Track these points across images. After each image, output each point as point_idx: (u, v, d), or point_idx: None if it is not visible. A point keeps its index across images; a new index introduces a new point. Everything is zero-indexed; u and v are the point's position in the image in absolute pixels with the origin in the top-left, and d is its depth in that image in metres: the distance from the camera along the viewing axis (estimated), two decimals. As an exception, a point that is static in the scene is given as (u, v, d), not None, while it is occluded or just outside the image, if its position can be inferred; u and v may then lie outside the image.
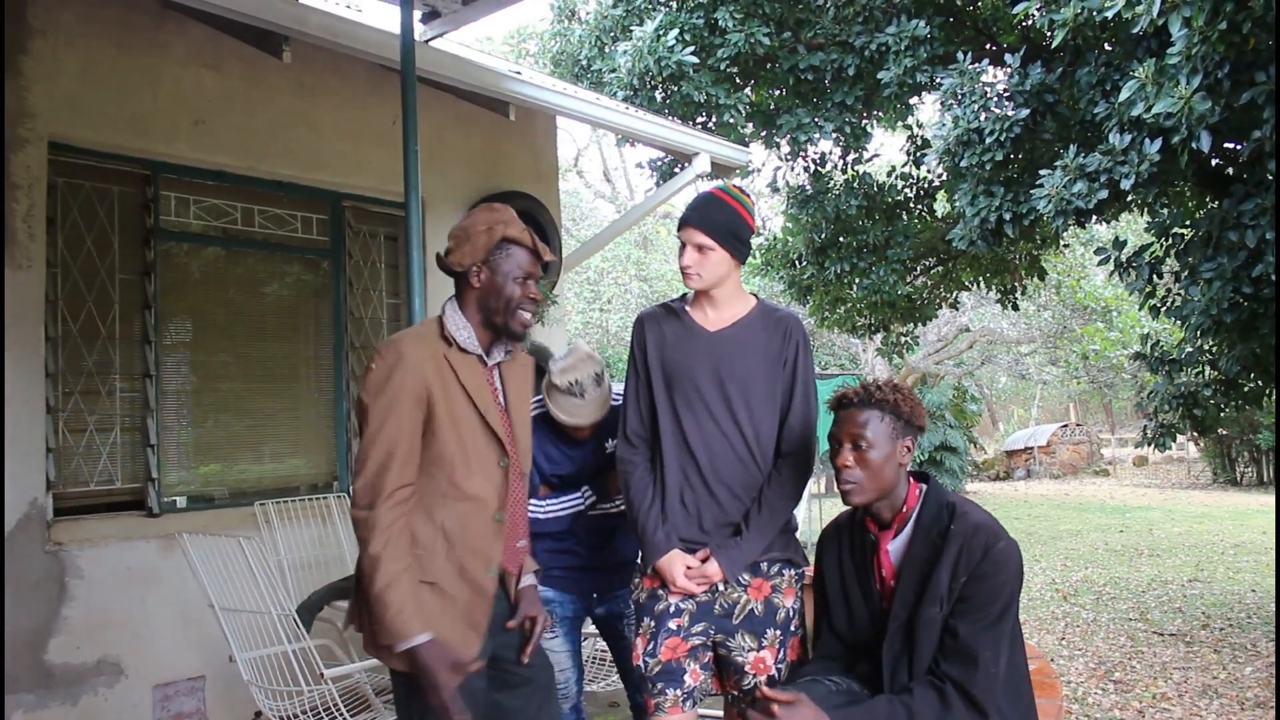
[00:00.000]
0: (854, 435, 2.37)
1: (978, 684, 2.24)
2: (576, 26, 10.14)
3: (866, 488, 2.37)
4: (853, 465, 2.37)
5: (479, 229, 2.46)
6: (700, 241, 2.63)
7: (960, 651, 2.26)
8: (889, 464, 2.37)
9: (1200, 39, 4.66)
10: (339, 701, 3.52)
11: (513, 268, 2.44)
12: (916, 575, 2.35)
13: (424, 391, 2.33)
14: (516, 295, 2.44)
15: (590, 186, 27.38)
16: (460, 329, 2.44)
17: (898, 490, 2.41)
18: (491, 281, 2.44)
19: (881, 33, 7.59)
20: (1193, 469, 23.03)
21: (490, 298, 2.44)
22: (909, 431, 2.42)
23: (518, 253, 2.46)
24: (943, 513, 2.38)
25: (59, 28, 4.34)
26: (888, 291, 9.28)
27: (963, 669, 2.25)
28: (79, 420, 4.47)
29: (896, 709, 2.25)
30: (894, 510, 2.42)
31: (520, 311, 2.45)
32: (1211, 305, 5.46)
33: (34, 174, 4.23)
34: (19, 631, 4.03)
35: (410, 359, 2.33)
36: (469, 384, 2.41)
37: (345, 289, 5.50)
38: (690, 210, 2.69)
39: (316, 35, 4.36)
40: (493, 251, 2.44)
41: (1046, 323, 23.04)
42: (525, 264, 2.46)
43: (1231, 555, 10.58)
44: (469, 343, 2.44)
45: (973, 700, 2.24)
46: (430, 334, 2.44)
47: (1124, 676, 5.97)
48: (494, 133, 6.03)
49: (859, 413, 2.39)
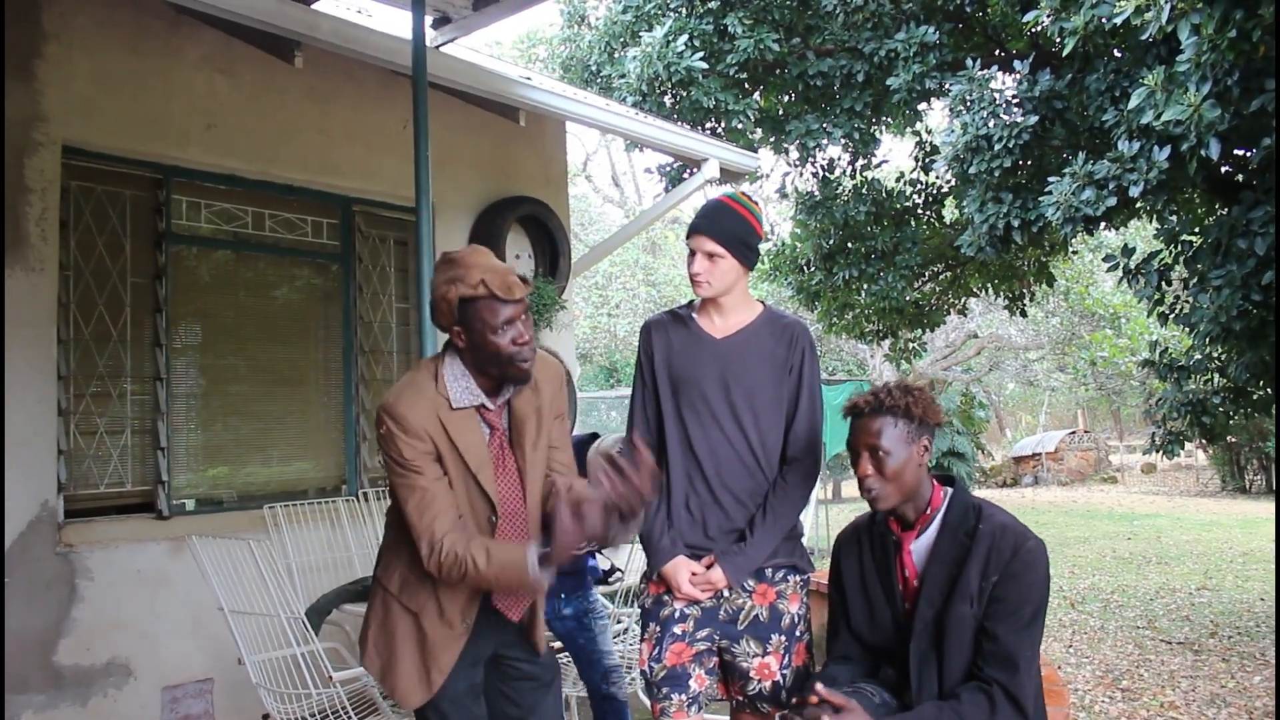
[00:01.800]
0: (870, 444, 2.37)
1: (1021, 687, 2.23)
2: (586, 32, 10.16)
3: (890, 494, 2.37)
4: (873, 474, 2.37)
5: (440, 292, 2.34)
6: (710, 249, 2.64)
7: (1001, 655, 2.25)
8: (908, 468, 2.37)
9: (1209, 46, 4.66)
10: (347, 705, 3.53)
11: (486, 322, 2.31)
12: (945, 574, 2.35)
13: (431, 447, 2.34)
14: (502, 345, 2.32)
15: (599, 191, 27.41)
16: (456, 380, 2.40)
17: (921, 491, 2.41)
18: (472, 341, 2.34)
19: (891, 39, 7.60)
20: (1201, 476, 22.92)
21: (478, 355, 2.36)
22: (924, 432, 2.41)
23: (483, 306, 2.30)
24: (969, 513, 2.39)
25: (73, 32, 4.37)
26: (896, 297, 9.28)
27: (1005, 672, 2.24)
28: (90, 423, 4.49)
29: (945, 714, 2.24)
30: (918, 511, 2.42)
31: (515, 361, 2.35)
32: (1220, 313, 5.46)
33: (47, 177, 4.25)
34: (29, 632, 4.05)
35: (410, 423, 2.32)
36: (460, 442, 2.37)
37: (355, 293, 5.52)
38: (700, 218, 2.69)
39: (328, 41, 4.38)
40: (460, 313, 2.32)
41: (1055, 329, 23.02)
42: (499, 313, 2.30)
43: (1240, 563, 10.54)
44: (463, 397, 2.39)
45: (1016, 702, 2.23)
46: (427, 388, 2.39)
47: (1131, 685, 5.95)
48: (504, 138, 6.05)
49: (872, 421, 2.39)
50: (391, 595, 2.48)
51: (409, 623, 2.45)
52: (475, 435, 2.41)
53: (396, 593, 2.47)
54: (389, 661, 2.46)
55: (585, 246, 18.57)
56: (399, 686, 2.45)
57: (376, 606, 2.52)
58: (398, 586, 2.47)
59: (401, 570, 2.47)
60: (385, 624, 2.48)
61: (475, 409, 2.42)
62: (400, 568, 2.47)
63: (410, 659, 2.44)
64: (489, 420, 2.45)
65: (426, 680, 2.44)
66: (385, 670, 2.47)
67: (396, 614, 2.47)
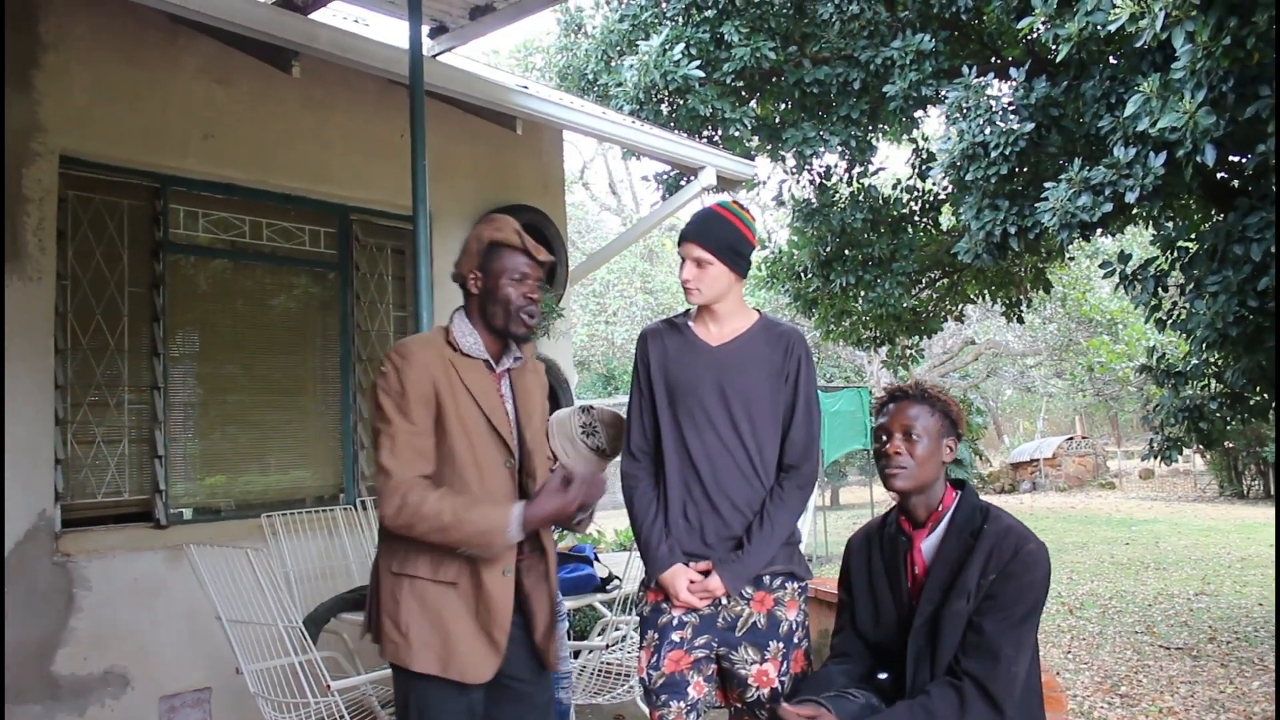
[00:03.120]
0: (905, 425, 2.45)
1: (997, 681, 2.24)
2: (583, 41, 10.19)
3: (911, 476, 2.43)
4: (903, 453, 2.44)
5: (472, 238, 2.55)
6: (699, 256, 2.66)
7: (982, 648, 2.27)
8: (933, 458, 2.44)
9: (1204, 53, 4.68)
10: (345, 713, 3.52)
11: (505, 269, 2.50)
12: (946, 571, 2.38)
13: (431, 391, 2.41)
14: (512, 296, 2.50)
15: (596, 199, 27.47)
16: (465, 335, 2.52)
17: (935, 488, 2.47)
18: (486, 285, 2.51)
19: (887, 47, 7.63)
20: (1199, 482, 22.92)
21: (488, 302, 2.52)
22: (952, 434, 2.50)
23: (509, 254, 2.52)
24: (976, 514, 2.44)
25: (71, 42, 4.37)
26: (893, 304, 9.30)
27: (983, 665, 2.25)
28: (87, 432, 4.49)
29: (916, 713, 2.25)
30: (929, 509, 2.47)
31: (520, 314, 2.51)
32: (1217, 319, 5.47)
33: (45, 187, 4.26)
34: (26, 642, 4.04)
35: (417, 359, 2.42)
36: (473, 387, 2.47)
37: (352, 302, 5.52)
38: (689, 226, 2.72)
39: (326, 50, 4.39)
40: (485, 256, 2.52)
41: (1052, 335, 23.06)
42: (518, 265, 2.51)
43: (1238, 569, 10.54)
44: (473, 348, 2.51)
45: (991, 697, 2.24)
46: (437, 339, 2.53)
47: (1130, 690, 5.95)
48: (501, 146, 6.06)
49: (911, 405, 2.48)
50: (424, 579, 2.43)
51: (451, 595, 2.43)
52: (487, 382, 2.51)
53: (430, 575, 2.43)
54: (446, 642, 2.41)
55: (582, 254, 18.60)
56: (468, 663, 2.41)
57: (408, 601, 2.44)
58: (429, 568, 2.43)
59: (427, 551, 2.43)
60: (426, 610, 2.42)
61: (483, 362, 2.53)
62: (426, 551, 2.43)
63: (467, 630, 2.42)
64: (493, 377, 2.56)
65: (492, 644, 2.43)
66: (446, 656, 2.40)
67: (436, 594, 2.43)
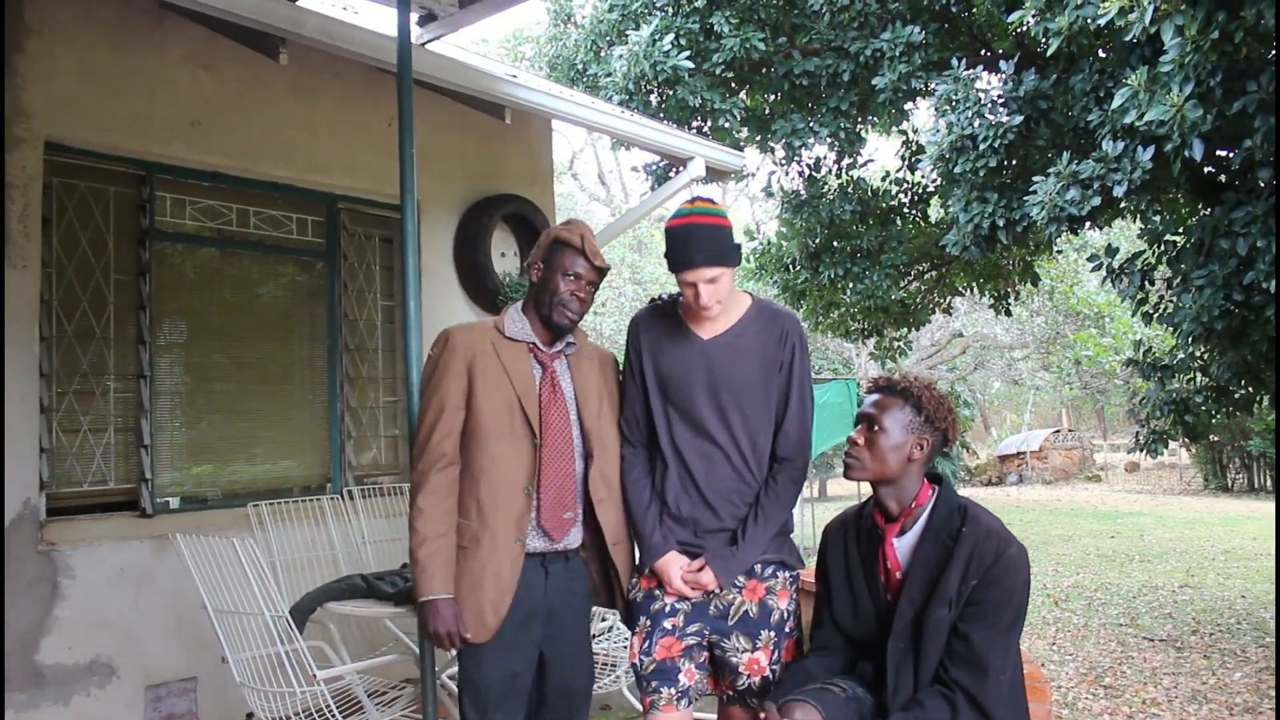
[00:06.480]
0: (870, 416, 2.47)
1: (987, 692, 2.24)
2: (572, 30, 10.15)
3: (866, 467, 2.45)
4: (861, 444, 2.46)
5: (545, 233, 2.86)
6: (712, 275, 2.60)
7: (971, 659, 2.26)
8: (896, 453, 2.42)
9: (1193, 47, 4.69)
10: (331, 703, 3.52)
11: (562, 265, 2.76)
12: (926, 575, 2.37)
13: (465, 369, 2.69)
14: (561, 288, 2.74)
15: (585, 189, 27.41)
16: (514, 321, 2.81)
17: (905, 484, 2.45)
18: (543, 276, 2.79)
19: (876, 39, 7.61)
20: (1184, 475, 23.10)
21: (542, 290, 2.78)
22: (927, 430, 2.46)
23: (569, 253, 2.77)
24: (954, 515, 2.41)
25: (55, 27, 4.33)
26: (881, 296, 9.30)
27: (973, 677, 2.25)
28: (73, 420, 4.46)
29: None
30: (901, 504, 2.45)
31: (563, 306, 2.75)
32: (1203, 312, 5.49)
33: (30, 174, 4.22)
34: (11, 631, 4.02)
35: (456, 341, 2.73)
36: (509, 366, 2.72)
37: (340, 291, 5.50)
38: (689, 253, 2.59)
39: (313, 37, 4.35)
40: (549, 250, 2.80)
41: (1039, 328, 23.14)
42: (575, 264, 2.76)
43: (1222, 561, 10.62)
44: (518, 332, 2.78)
45: (981, 709, 2.24)
46: (485, 324, 2.84)
47: (1114, 682, 6.00)
48: (490, 135, 6.04)
49: (882, 397, 2.50)
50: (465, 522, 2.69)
51: (465, 559, 2.66)
52: (524, 364, 2.76)
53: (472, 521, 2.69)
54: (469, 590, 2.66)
55: (571, 245, 18.50)
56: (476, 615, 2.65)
57: None
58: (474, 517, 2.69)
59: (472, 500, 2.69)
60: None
61: (528, 346, 2.78)
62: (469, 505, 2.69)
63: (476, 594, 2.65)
64: (540, 360, 2.80)
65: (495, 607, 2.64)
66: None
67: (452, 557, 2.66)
